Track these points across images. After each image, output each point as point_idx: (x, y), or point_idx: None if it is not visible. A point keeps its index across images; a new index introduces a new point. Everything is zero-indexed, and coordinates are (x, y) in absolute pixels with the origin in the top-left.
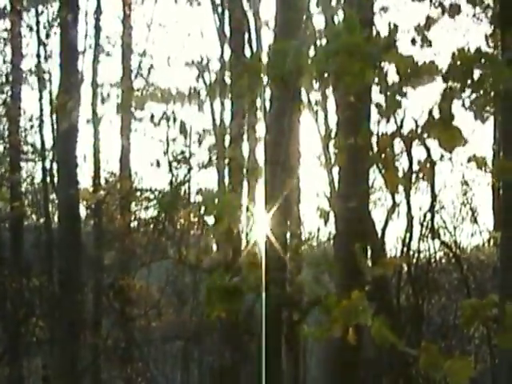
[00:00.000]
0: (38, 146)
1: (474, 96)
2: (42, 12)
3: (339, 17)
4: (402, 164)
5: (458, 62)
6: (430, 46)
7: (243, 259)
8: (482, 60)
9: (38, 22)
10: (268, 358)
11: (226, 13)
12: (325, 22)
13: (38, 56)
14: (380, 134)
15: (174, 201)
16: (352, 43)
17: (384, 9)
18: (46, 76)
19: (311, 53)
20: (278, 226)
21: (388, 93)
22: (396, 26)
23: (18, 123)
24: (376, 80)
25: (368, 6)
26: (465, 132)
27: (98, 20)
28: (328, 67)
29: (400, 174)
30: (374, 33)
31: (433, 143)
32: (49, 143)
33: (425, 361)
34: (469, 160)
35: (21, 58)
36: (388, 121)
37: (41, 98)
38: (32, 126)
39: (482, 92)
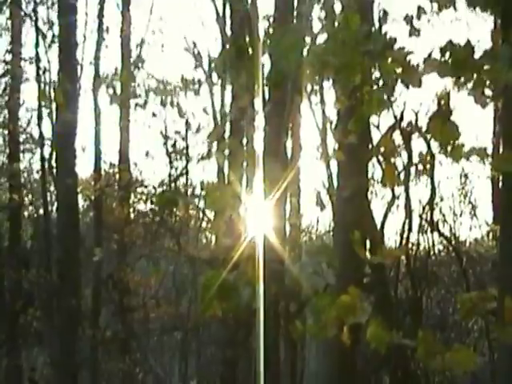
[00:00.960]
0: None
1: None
2: (41, 1)
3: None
4: (402, 157)
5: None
6: (418, 35)
7: (241, 252)
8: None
9: (35, 12)
10: (266, 351)
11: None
12: (325, 15)
13: (37, 45)
14: (380, 127)
15: (174, 198)
16: (349, 39)
17: None
18: (46, 65)
19: (310, 46)
20: (276, 217)
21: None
22: (386, 14)
23: (17, 113)
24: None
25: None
26: (462, 126)
27: (101, 9)
28: (326, 60)
29: (400, 168)
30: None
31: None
32: (48, 134)
33: (422, 350)
34: (470, 153)
35: (20, 47)
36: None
37: (39, 88)
38: (31, 116)
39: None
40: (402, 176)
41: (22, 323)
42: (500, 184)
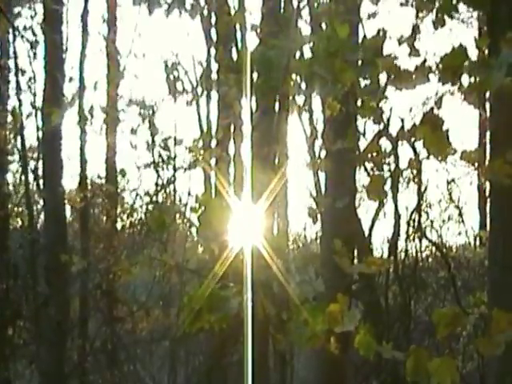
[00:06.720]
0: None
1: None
2: (24, 7)
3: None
4: (389, 164)
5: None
6: (418, 55)
7: (229, 261)
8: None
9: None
10: (254, 360)
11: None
12: (311, 27)
13: (15, 53)
14: (366, 134)
15: (163, 221)
16: (339, 48)
17: (373, 15)
18: (29, 75)
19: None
20: (264, 226)
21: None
22: (385, 32)
23: (4, 123)
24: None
25: (355, 10)
26: (453, 136)
27: (85, 20)
28: (314, 70)
29: (386, 175)
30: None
31: (419, 143)
32: (34, 144)
33: (411, 366)
34: (461, 156)
35: (8, 58)
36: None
37: (19, 98)
38: (15, 128)
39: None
40: (388, 184)
41: (11, 334)
42: (487, 190)
